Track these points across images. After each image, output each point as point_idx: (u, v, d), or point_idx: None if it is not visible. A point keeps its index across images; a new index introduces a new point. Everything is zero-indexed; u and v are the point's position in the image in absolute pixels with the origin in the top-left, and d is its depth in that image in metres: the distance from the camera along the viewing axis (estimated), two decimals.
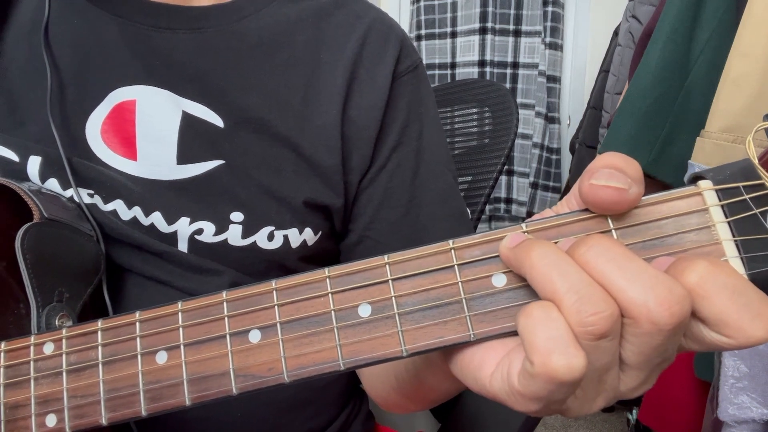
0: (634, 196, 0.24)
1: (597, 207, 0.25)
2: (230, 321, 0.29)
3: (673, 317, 0.21)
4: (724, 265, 0.22)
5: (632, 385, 0.25)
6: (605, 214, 0.25)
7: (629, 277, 0.22)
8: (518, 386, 0.23)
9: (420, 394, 0.42)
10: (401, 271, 0.27)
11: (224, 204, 0.47)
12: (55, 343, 0.32)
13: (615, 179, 0.24)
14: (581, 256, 0.23)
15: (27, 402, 0.31)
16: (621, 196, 0.24)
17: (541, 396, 0.23)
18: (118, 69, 0.48)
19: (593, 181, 0.24)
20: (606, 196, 0.24)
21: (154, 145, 0.47)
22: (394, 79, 0.51)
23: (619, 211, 0.25)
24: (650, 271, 0.22)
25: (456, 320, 0.26)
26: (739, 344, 0.22)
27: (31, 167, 0.46)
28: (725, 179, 0.24)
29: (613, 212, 0.25)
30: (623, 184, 0.24)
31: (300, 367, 0.27)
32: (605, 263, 0.22)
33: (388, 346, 0.26)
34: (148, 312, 0.30)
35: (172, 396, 0.29)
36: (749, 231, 0.23)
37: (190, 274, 0.47)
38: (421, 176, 0.52)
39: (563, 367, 0.21)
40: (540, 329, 0.22)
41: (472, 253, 0.26)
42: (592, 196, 0.24)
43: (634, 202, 0.24)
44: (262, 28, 0.50)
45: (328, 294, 0.27)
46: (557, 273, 0.23)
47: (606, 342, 0.22)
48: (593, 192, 0.24)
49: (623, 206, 0.24)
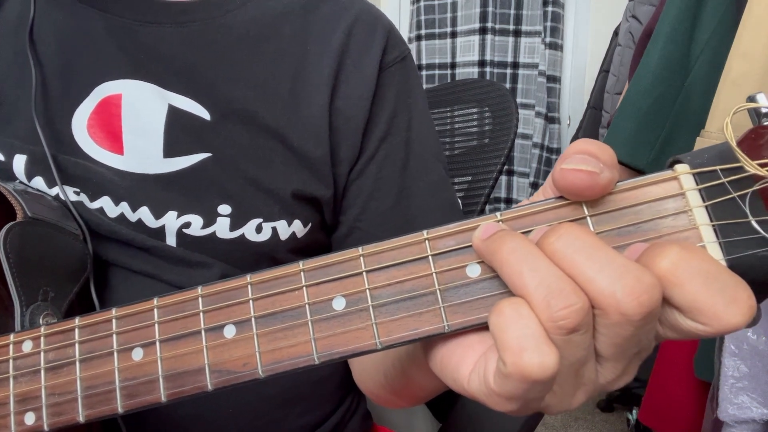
0: (606, 181, 0.23)
1: (569, 192, 0.24)
2: (205, 316, 0.28)
3: (641, 307, 0.21)
4: (696, 249, 0.21)
5: (611, 377, 0.24)
6: (578, 200, 0.24)
7: (598, 267, 0.21)
8: (494, 386, 0.23)
9: (408, 391, 0.42)
10: (376, 263, 0.26)
11: (212, 197, 0.46)
12: (34, 341, 0.32)
13: (586, 163, 0.23)
14: (550, 245, 0.23)
15: (6, 400, 0.31)
16: (592, 180, 0.23)
17: (517, 395, 0.22)
18: (103, 63, 0.47)
19: (564, 166, 0.23)
20: (577, 180, 0.23)
21: (141, 138, 0.47)
22: (381, 69, 0.51)
23: (592, 196, 0.24)
24: (619, 260, 0.21)
25: (430, 312, 0.25)
26: (716, 331, 0.21)
27: (16, 166, 0.46)
28: (703, 163, 0.23)
29: (586, 197, 0.24)
30: (595, 167, 0.23)
31: (274, 361, 0.27)
32: (574, 253, 0.22)
33: (362, 339, 0.26)
34: (124, 308, 0.30)
35: (148, 392, 0.29)
36: (727, 215, 0.22)
37: (179, 268, 0.46)
38: (410, 167, 0.52)
39: (536, 366, 0.21)
40: (511, 327, 0.22)
41: (447, 243, 0.25)
42: (563, 180, 0.24)
43: (606, 187, 0.24)
44: (248, 21, 0.50)
45: (303, 287, 0.27)
46: (527, 267, 0.22)
47: (578, 336, 0.22)
48: (564, 176, 0.23)
49: (595, 191, 0.24)
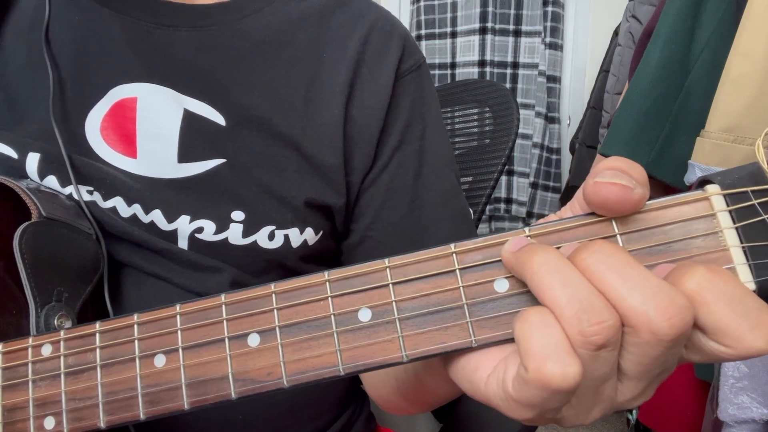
0: (638, 197, 0.23)
1: (601, 206, 0.24)
2: (229, 324, 0.28)
3: (673, 328, 0.21)
4: (722, 272, 0.22)
5: (630, 396, 0.24)
6: (609, 215, 0.25)
7: (630, 285, 0.21)
8: (512, 392, 0.23)
9: (420, 396, 0.42)
10: (402, 275, 0.26)
11: (225, 203, 0.46)
12: (53, 345, 0.31)
13: (619, 178, 0.23)
14: (582, 261, 0.23)
15: (25, 404, 0.31)
16: (626, 194, 0.23)
17: (535, 403, 0.22)
18: (119, 66, 0.47)
19: (598, 179, 0.23)
20: (611, 194, 0.23)
21: (155, 143, 0.46)
22: (397, 78, 0.51)
23: (624, 211, 0.24)
24: (652, 279, 0.21)
25: (457, 326, 0.25)
26: (739, 354, 0.21)
27: (29, 164, 0.45)
28: (733, 183, 0.23)
29: (618, 213, 0.24)
30: (628, 182, 0.23)
31: (299, 372, 0.27)
32: (606, 270, 0.22)
33: (389, 352, 0.26)
34: (146, 314, 0.30)
35: (171, 400, 0.29)
36: (757, 237, 0.23)
37: (190, 271, 0.46)
38: (423, 176, 0.52)
39: (558, 375, 0.21)
40: (536, 335, 0.22)
41: (474, 258, 0.26)
42: (596, 195, 0.23)
43: (638, 203, 0.24)
44: (264, 27, 0.50)
45: (328, 298, 0.27)
46: (559, 281, 0.22)
47: (606, 352, 0.22)
48: (597, 190, 0.23)
49: (628, 206, 0.24)
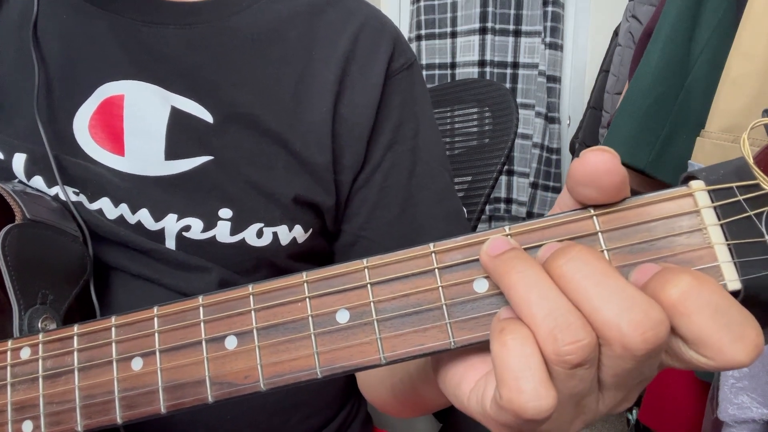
0: (623, 177, 0.22)
1: (590, 179, 0.23)
2: (206, 326, 0.28)
3: (646, 343, 0.20)
4: (708, 280, 0.21)
5: (611, 404, 0.24)
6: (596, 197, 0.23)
7: (606, 296, 0.21)
8: (490, 412, 0.23)
9: (415, 403, 0.41)
10: (380, 276, 0.26)
11: (212, 200, 0.46)
12: (32, 348, 0.31)
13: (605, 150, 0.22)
14: (558, 268, 0.22)
15: (4, 408, 0.31)
16: (615, 163, 0.22)
17: (511, 426, 0.22)
18: (106, 63, 0.47)
19: (583, 152, 0.22)
20: (599, 162, 0.22)
21: (142, 140, 0.46)
22: (388, 77, 0.51)
23: (610, 190, 0.23)
24: (628, 290, 0.21)
25: (436, 327, 0.25)
26: (719, 366, 0.20)
27: (16, 165, 0.45)
28: (718, 179, 0.22)
29: (605, 191, 0.23)
30: (615, 155, 0.22)
31: (276, 374, 0.26)
32: (582, 279, 0.21)
33: (367, 354, 0.25)
34: (124, 317, 0.29)
35: (148, 403, 0.28)
36: (743, 234, 0.22)
37: (177, 271, 0.46)
38: (417, 176, 0.51)
39: (531, 408, 0.21)
40: (512, 362, 0.21)
41: (454, 257, 0.25)
42: (583, 165, 0.22)
43: (623, 184, 0.23)
44: (253, 24, 0.49)
45: (306, 299, 0.26)
46: (536, 296, 0.22)
47: (582, 370, 0.21)
48: (585, 160, 0.22)
49: (616, 179, 0.22)
